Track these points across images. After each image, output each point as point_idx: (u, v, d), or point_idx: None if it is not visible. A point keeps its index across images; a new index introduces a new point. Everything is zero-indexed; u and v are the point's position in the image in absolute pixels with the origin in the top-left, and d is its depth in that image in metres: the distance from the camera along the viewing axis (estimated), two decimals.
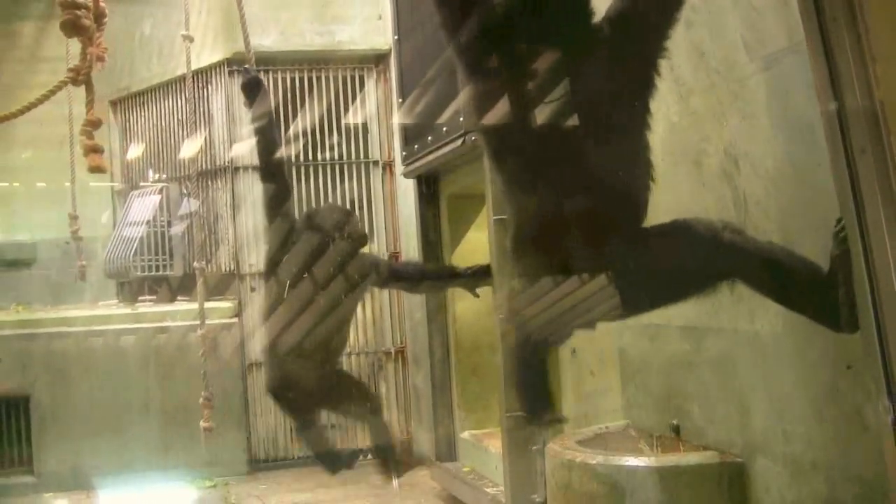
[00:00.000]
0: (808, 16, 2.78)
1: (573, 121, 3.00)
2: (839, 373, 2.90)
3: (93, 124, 5.24)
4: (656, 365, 4.18)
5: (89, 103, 5.27)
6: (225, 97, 8.81)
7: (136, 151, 9.65)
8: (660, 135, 3.43)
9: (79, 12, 4.54)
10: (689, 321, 3.76)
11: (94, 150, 5.21)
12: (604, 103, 3.01)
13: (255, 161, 5.81)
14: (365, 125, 9.14)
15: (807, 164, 3.02)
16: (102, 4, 5.07)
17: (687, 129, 3.77)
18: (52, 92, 5.20)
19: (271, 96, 8.32)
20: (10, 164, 9.47)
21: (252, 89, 5.51)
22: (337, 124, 8.99)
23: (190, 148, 8.64)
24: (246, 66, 5.84)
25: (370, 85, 9.15)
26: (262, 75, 5.93)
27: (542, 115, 3.00)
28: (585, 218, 3.01)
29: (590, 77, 2.97)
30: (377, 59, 9.08)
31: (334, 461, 5.49)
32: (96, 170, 5.21)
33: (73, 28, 4.55)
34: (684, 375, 3.88)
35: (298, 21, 8.71)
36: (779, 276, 2.98)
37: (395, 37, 7.37)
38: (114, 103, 9.64)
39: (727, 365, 3.61)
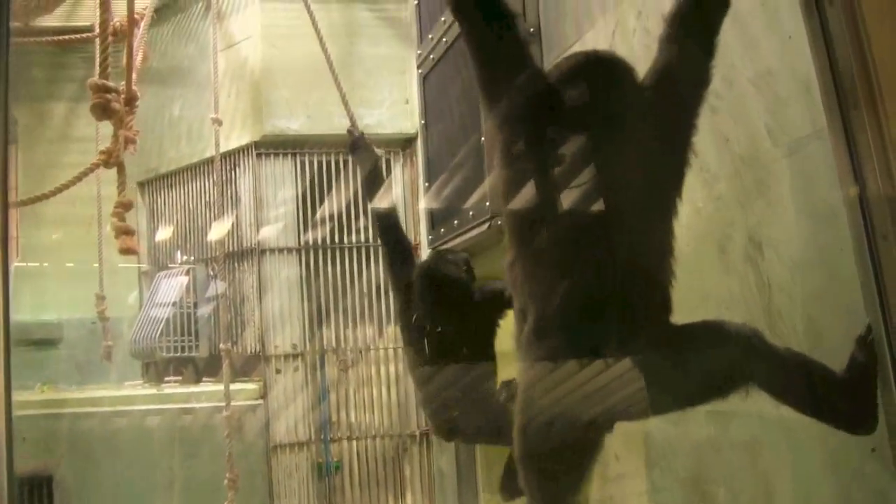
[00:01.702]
0: (830, 103, 2.82)
1: (603, 207, 3.02)
2: (864, 456, 2.88)
3: (124, 206, 5.30)
4: (682, 449, 4.16)
5: (121, 185, 5.34)
6: (253, 179, 8.87)
7: (163, 233, 9.72)
8: (685, 220, 3.44)
9: (109, 96, 4.62)
10: (714, 405, 3.73)
11: (126, 232, 5.27)
12: (636, 189, 3.03)
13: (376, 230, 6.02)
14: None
15: (830, 250, 3.03)
16: (134, 88, 5.16)
17: (712, 215, 3.80)
18: (85, 174, 5.27)
19: (304, 179, 8.46)
20: (38, 244, 9.54)
21: (357, 149, 5.72)
22: (364, 207, 9.04)
23: (217, 230, 8.70)
24: (349, 128, 6.04)
25: (397, 169, 9.22)
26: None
27: (571, 199, 3.02)
28: (613, 308, 3.01)
29: (623, 163, 3.00)
30: (404, 143, 9.17)
31: None
32: (127, 252, 5.26)
33: (103, 111, 4.62)
34: (710, 459, 3.86)
35: (326, 104, 8.77)
36: (797, 385, 2.99)
37: (422, 121, 7.44)
38: (142, 184, 9.72)
39: (753, 449, 3.60)
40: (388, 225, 5.93)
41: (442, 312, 5.43)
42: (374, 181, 6.08)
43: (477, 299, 5.42)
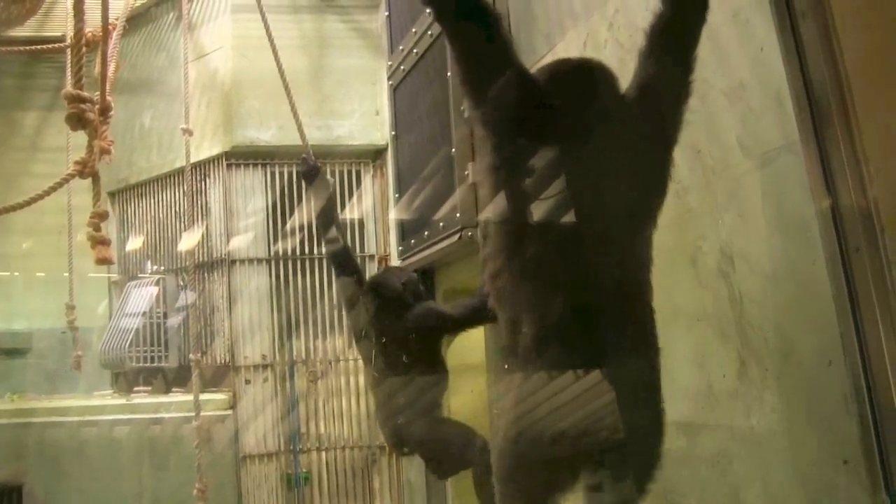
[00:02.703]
0: (802, 115, 2.85)
1: (596, 215, 3.02)
2: (836, 468, 2.90)
3: (100, 216, 5.25)
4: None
5: (96, 195, 5.29)
6: (223, 190, 8.87)
7: (133, 243, 9.70)
8: (657, 233, 3.46)
9: (84, 106, 4.57)
10: (684, 417, 3.76)
11: (102, 242, 5.22)
12: (629, 197, 3.05)
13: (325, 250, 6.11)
14: (361, 219, 9.21)
15: (802, 262, 3.05)
16: (109, 98, 5.13)
17: (683, 227, 3.81)
18: (60, 184, 5.22)
19: (274, 190, 8.47)
20: (8, 253, 9.51)
21: (310, 177, 5.80)
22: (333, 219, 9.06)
23: (187, 240, 8.69)
24: (303, 155, 6.10)
25: (367, 180, 9.23)
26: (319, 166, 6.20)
27: (564, 207, 3.02)
28: (611, 318, 3.02)
29: (615, 169, 3.01)
30: (374, 155, 9.18)
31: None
32: (103, 262, 5.22)
33: (78, 121, 4.57)
34: (679, 471, 3.87)
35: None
36: None
37: (393, 132, 7.47)
38: (112, 194, 9.69)
39: (723, 461, 3.60)
40: (335, 250, 6.02)
41: (384, 326, 5.50)
42: (325, 211, 6.15)
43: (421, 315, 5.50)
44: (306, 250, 8.91)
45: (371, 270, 8.99)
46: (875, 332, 2.60)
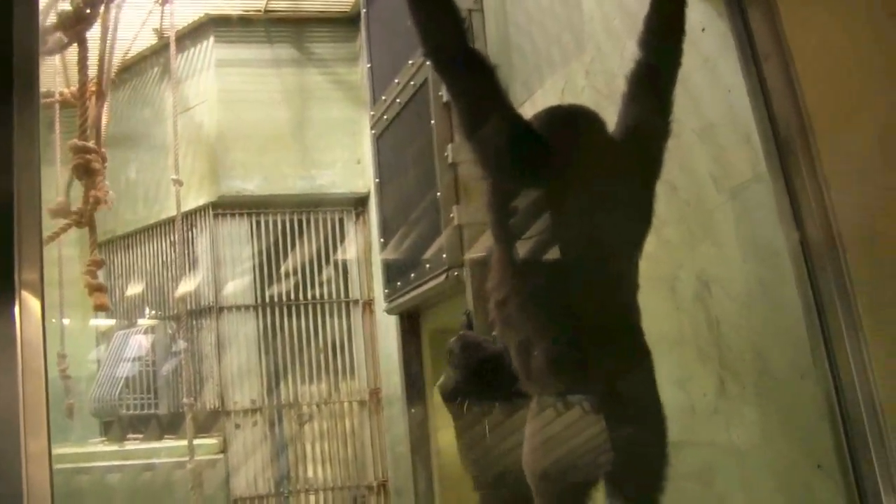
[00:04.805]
0: (769, 150, 3.10)
1: (595, 245, 3.24)
2: (811, 473, 3.10)
3: (96, 264, 5.42)
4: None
5: (92, 244, 5.47)
6: (210, 239, 9.07)
7: (121, 293, 9.81)
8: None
9: (89, 156, 4.77)
10: (669, 436, 3.92)
11: (99, 289, 5.38)
12: (622, 228, 3.29)
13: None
14: (345, 265, 9.38)
15: (773, 284, 3.26)
16: (104, 149, 5.32)
17: (662, 258, 3.98)
18: (57, 234, 5.40)
19: (261, 239, 8.64)
20: None
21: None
22: (319, 265, 9.24)
23: (176, 288, 8.82)
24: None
25: (350, 227, 9.43)
26: None
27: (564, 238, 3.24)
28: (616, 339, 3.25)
29: (610, 204, 3.24)
30: (356, 203, 9.42)
31: None
32: (100, 308, 5.37)
33: (84, 171, 4.76)
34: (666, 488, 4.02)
35: (281, 166, 9.02)
36: None
37: (377, 180, 7.62)
38: (99, 246, 9.77)
39: (706, 475, 3.76)
40: None
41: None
42: None
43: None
44: (293, 296, 9.09)
45: (355, 316, 9.18)
46: (842, 345, 2.81)
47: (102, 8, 5.17)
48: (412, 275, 6.71)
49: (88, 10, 4.68)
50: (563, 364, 3.23)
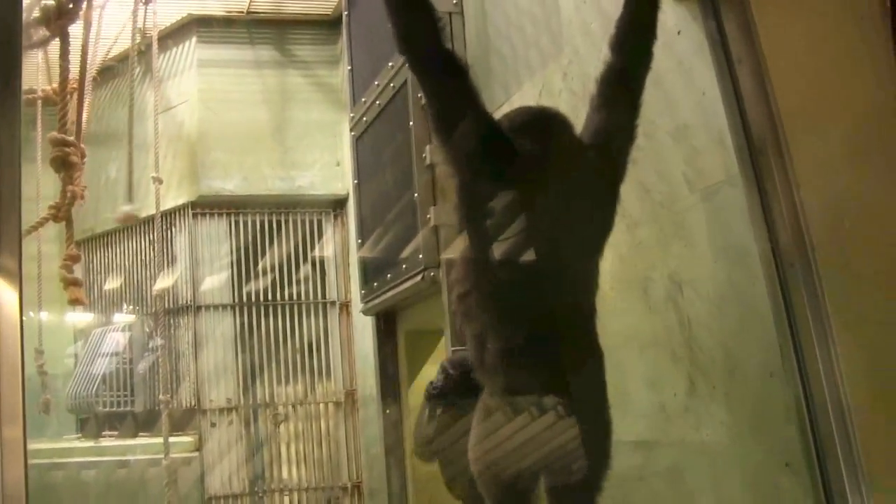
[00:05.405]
0: (741, 152, 3.15)
1: (558, 244, 3.29)
2: (780, 471, 3.14)
3: (72, 259, 5.43)
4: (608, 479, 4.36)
5: (69, 239, 5.47)
6: (189, 238, 9.08)
7: (99, 290, 9.81)
8: (609, 265, 3.67)
9: (68, 149, 4.78)
10: (639, 436, 3.96)
11: (74, 283, 5.39)
12: (584, 229, 3.33)
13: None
14: (323, 267, 9.41)
15: (744, 284, 3.30)
16: (83, 145, 5.33)
17: (634, 259, 4.03)
18: (34, 228, 5.41)
19: (239, 238, 8.65)
20: None
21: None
22: (296, 266, 9.26)
23: (154, 287, 8.83)
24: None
25: (328, 228, 9.45)
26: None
27: (527, 237, 3.28)
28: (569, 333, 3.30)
29: (574, 204, 3.29)
30: (335, 204, 9.44)
31: None
32: (76, 302, 5.38)
33: (62, 164, 4.78)
34: (636, 487, 4.04)
35: (261, 166, 9.04)
36: None
37: (355, 181, 7.63)
38: (78, 244, 9.75)
39: (677, 474, 3.80)
40: None
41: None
42: None
43: None
44: (270, 296, 9.11)
45: (332, 317, 9.21)
46: (810, 343, 2.87)
47: (85, 4, 5.19)
48: (389, 275, 6.74)
49: (71, 5, 4.70)
50: (511, 359, 3.29)
